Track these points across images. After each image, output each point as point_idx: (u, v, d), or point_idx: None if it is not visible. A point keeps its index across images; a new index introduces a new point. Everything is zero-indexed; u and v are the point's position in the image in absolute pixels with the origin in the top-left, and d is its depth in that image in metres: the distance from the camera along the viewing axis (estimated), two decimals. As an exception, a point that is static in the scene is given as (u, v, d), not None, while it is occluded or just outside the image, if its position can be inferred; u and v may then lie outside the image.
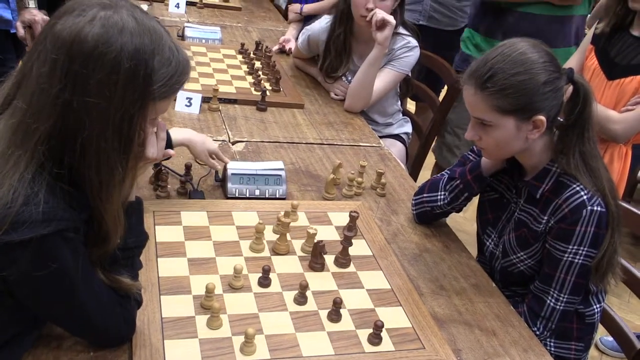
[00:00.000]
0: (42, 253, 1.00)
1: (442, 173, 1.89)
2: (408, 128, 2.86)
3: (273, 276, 1.49)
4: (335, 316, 1.40)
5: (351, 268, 1.59)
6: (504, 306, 1.59)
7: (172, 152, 1.23)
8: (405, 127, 2.85)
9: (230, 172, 1.82)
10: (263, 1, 4.13)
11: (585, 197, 1.53)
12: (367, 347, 1.35)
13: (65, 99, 1.00)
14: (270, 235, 1.64)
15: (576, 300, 1.60)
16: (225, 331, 1.31)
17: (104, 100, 1.00)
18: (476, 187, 1.76)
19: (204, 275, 1.45)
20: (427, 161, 3.04)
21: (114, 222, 1.10)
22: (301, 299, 1.43)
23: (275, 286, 1.47)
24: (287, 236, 1.60)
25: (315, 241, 1.55)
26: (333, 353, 1.32)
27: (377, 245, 1.70)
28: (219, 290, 1.41)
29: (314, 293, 1.47)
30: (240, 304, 1.40)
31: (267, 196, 1.83)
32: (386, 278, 1.57)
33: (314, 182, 1.99)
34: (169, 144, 1.64)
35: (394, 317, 1.45)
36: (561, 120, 1.58)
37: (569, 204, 1.54)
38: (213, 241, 1.58)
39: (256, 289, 1.45)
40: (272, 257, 1.57)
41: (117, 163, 1.05)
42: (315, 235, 1.59)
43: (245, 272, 1.48)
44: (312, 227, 1.64)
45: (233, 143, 2.14)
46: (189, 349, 1.25)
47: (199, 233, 1.60)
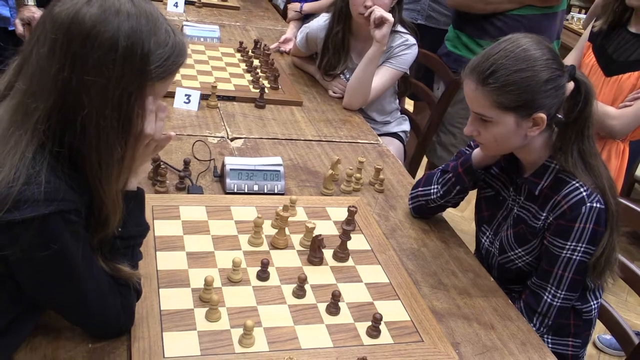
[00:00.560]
0: (43, 233, 1.01)
1: (439, 168, 1.89)
2: (406, 126, 2.86)
3: (272, 270, 1.49)
4: (333, 309, 1.40)
5: (350, 262, 1.59)
6: (502, 300, 1.59)
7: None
8: (403, 126, 2.85)
9: (228, 167, 1.82)
10: (261, 0, 4.13)
11: (584, 193, 1.52)
12: (366, 340, 1.35)
13: (64, 78, 1.01)
14: (268, 230, 1.64)
15: (573, 296, 1.60)
16: (224, 324, 1.31)
17: (103, 78, 1.02)
18: (467, 180, 1.76)
19: (202, 268, 1.45)
20: (425, 159, 3.04)
21: (113, 204, 1.11)
22: (300, 292, 1.43)
23: (274, 280, 1.47)
24: (285, 230, 1.60)
25: (314, 235, 1.55)
26: (332, 345, 1.32)
27: (375, 240, 1.70)
28: (217, 284, 1.41)
29: (313, 287, 1.47)
30: (239, 297, 1.40)
31: (266, 192, 1.83)
32: (385, 272, 1.57)
33: (312, 178, 1.99)
34: None
35: (392, 310, 1.45)
36: (561, 117, 1.57)
37: (568, 201, 1.54)
38: (212, 235, 1.58)
39: (255, 282, 1.45)
40: (271, 251, 1.57)
41: (115, 142, 1.06)
42: (314, 229, 1.59)
43: (244, 265, 1.49)
44: (310, 221, 1.64)
45: (231, 139, 2.14)
46: (188, 341, 1.25)
47: (197, 227, 1.60)
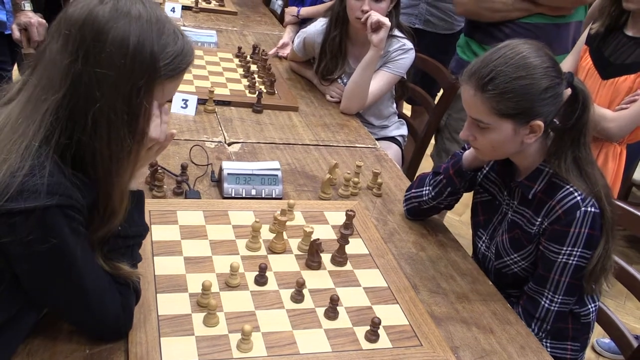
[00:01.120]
0: (42, 225, 1.02)
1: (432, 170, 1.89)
2: (404, 130, 2.86)
3: (270, 274, 1.48)
4: (332, 313, 1.40)
5: (348, 266, 1.59)
6: (501, 304, 1.59)
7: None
8: (401, 130, 2.85)
9: (226, 172, 1.82)
10: (259, 5, 4.14)
11: (579, 198, 1.52)
12: (365, 344, 1.34)
13: (76, 71, 1.04)
14: (266, 234, 1.63)
15: (571, 301, 1.60)
16: (221, 328, 1.30)
17: (114, 72, 1.05)
18: (458, 182, 1.76)
19: (200, 273, 1.45)
20: (423, 164, 3.04)
21: (121, 198, 1.14)
22: (298, 297, 1.43)
23: (272, 284, 1.46)
24: (283, 235, 1.60)
25: (312, 240, 1.55)
26: (330, 350, 1.31)
27: (373, 244, 1.70)
28: (215, 289, 1.41)
29: (311, 291, 1.47)
30: (237, 301, 1.39)
31: (263, 196, 1.83)
32: (383, 276, 1.57)
33: (310, 182, 1.99)
34: None
35: (391, 314, 1.44)
36: (557, 122, 1.56)
37: (562, 205, 1.53)
38: (209, 240, 1.57)
39: (253, 287, 1.44)
40: (269, 255, 1.57)
41: (126, 135, 1.09)
42: (312, 233, 1.59)
43: (242, 270, 1.48)
44: (308, 225, 1.64)
45: (229, 144, 2.13)
46: (186, 346, 1.24)
47: (195, 232, 1.59)
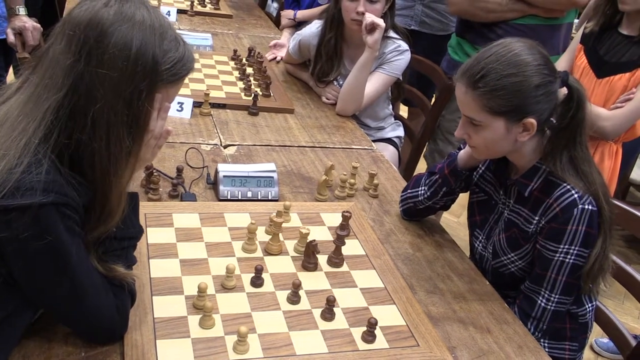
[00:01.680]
0: (38, 222, 1.02)
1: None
2: (400, 132, 2.86)
3: (266, 276, 1.48)
4: (328, 315, 1.39)
5: (344, 267, 1.58)
6: (498, 304, 1.58)
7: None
8: (397, 131, 2.85)
9: (222, 174, 1.81)
10: (254, 9, 4.13)
11: (576, 195, 1.52)
12: (361, 345, 1.34)
13: (78, 70, 1.05)
14: (262, 236, 1.63)
15: (568, 300, 1.59)
16: (217, 330, 1.30)
17: (116, 73, 1.06)
18: (453, 181, 1.75)
19: (196, 275, 1.44)
20: (420, 165, 3.03)
21: (119, 199, 1.14)
22: (294, 298, 1.42)
23: (268, 286, 1.46)
24: (279, 236, 1.59)
25: (308, 241, 1.54)
26: (327, 351, 1.31)
27: (370, 245, 1.69)
28: (211, 291, 1.40)
29: (307, 292, 1.46)
30: (233, 303, 1.39)
31: (259, 198, 1.83)
32: (380, 277, 1.57)
33: (306, 184, 1.99)
34: None
35: (387, 315, 1.44)
36: (553, 121, 1.56)
37: (559, 203, 1.53)
38: (205, 242, 1.57)
39: (249, 288, 1.44)
40: (265, 257, 1.56)
41: (125, 137, 1.10)
42: (308, 235, 1.58)
43: (238, 272, 1.48)
44: (304, 227, 1.63)
45: (225, 147, 2.13)
46: (182, 349, 1.24)
47: (190, 235, 1.59)
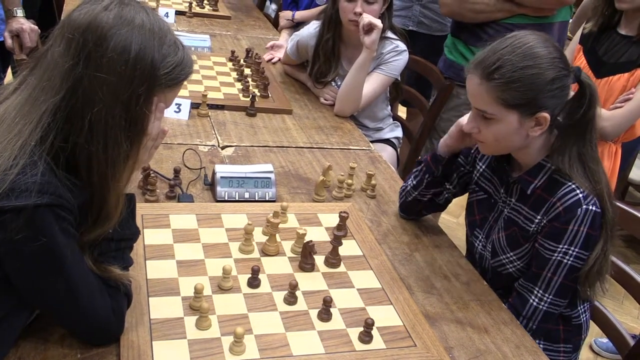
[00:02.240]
0: (32, 223, 1.02)
1: None
2: (399, 133, 2.86)
3: (262, 277, 1.48)
4: (325, 315, 1.39)
5: (341, 268, 1.58)
6: (496, 304, 1.58)
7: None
8: (395, 132, 2.85)
9: (219, 175, 1.81)
10: (252, 10, 4.13)
11: (580, 195, 1.50)
12: (358, 346, 1.34)
13: (77, 74, 1.06)
14: (259, 237, 1.62)
15: (562, 303, 1.57)
16: (214, 331, 1.30)
17: (114, 77, 1.06)
18: (434, 167, 1.75)
19: (192, 276, 1.44)
20: (419, 166, 3.04)
21: (116, 202, 1.14)
22: (291, 299, 1.42)
23: (265, 287, 1.46)
24: (276, 237, 1.59)
25: (305, 242, 1.54)
26: (324, 352, 1.30)
27: (367, 245, 1.69)
28: (208, 292, 1.40)
29: (304, 293, 1.46)
30: (230, 304, 1.38)
31: (257, 199, 1.82)
32: (377, 277, 1.56)
33: (303, 185, 1.99)
34: None
35: (384, 315, 1.44)
36: (561, 119, 1.54)
37: (563, 202, 1.51)
38: (202, 243, 1.57)
39: (245, 289, 1.44)
40: (262, 258, 1.56)
41: (122, 141, 1.10)
42: (305, 235, 1.58)
43: (235, 273, 1.47)
44: (301, 227, 1.63)
45: (222, 148, 2.13)
46: (178, 350, 1.24)
47: (187, 236, 1.59)
